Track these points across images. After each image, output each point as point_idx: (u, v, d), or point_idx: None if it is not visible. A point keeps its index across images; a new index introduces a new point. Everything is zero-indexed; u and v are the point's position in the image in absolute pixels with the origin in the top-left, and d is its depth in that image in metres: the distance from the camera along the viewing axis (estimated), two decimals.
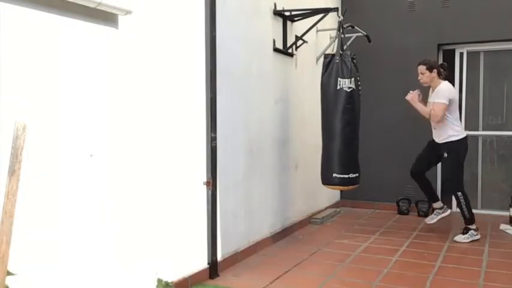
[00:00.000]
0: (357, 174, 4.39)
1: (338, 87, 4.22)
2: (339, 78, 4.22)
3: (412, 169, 4.77)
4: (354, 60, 4.30)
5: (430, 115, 4.45)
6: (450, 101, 4.37)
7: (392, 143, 6.00)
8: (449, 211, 4.82)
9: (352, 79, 4.23)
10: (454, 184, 4.50)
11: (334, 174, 4.32)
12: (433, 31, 5.78)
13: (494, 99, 5.86)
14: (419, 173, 4.73)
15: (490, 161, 5.92)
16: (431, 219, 4.84)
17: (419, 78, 4.55)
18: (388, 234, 4.79)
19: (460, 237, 4.49)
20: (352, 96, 4.24)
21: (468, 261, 3.88)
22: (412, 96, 4.55)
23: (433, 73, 4.46)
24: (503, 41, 5.61)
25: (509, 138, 5.79)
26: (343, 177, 4.31)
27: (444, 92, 4.39)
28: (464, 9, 5.64)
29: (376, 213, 5.95)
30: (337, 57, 4.24)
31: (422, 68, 4.50)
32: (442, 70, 4.53)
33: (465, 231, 4.51)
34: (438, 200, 4.85)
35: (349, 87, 4.22)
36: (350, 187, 4.46)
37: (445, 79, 4.52)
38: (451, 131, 4.43)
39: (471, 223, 4.50)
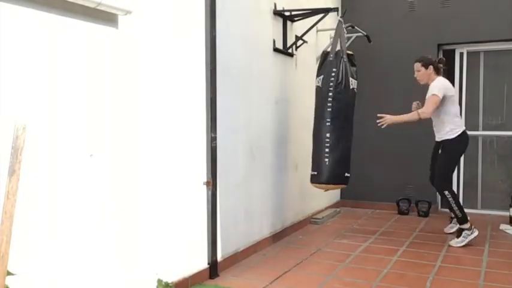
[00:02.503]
0: (315, 173, 4.34)
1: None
2: (316, 77, 4.34)
3: (430, 176, 4.67)
4: (343, 58, 4.22)
5: (419, 114, 4.28)
6: (445, 95, 4.23)
7: (393, 142, 6.00)
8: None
9: (320, 77, 4.25)
10: (441, 181, 4.33)
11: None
12: (433, 31, 5.78)
13: (494, 99, 5.86)
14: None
15: (490, 161, 5.92)
16: (451, 229, 4.71)
17: (415, 75, 4.46)
18: (388, 234, 4.79)
19: (454, 242, 4.32)
20: (316, 94, 4.32)
21: (468, 261, 3.88)
22: (386, 118, 4.42)
23: (428, 70, 4.36)
24: (503, 41, 5.62)
25: (509, 138, 5.79)
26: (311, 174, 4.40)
27: (436, 85, 4.26)
28: (464, 9, 5.65)
29: (376, 213, 5.95)
30: (331, 55, 4.25)
31: (417, 65, 4.41)
32: (440, 66, 4.42)
33: (458, 233, 4.34)
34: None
35: (316, 85, 4.32)
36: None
37: (445, 75, 4.43)
38: (448, 127, 4.31)
39: (464, 222, 4.29)
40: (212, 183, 3.38)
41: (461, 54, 5.85)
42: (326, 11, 4.60)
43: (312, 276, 3.50)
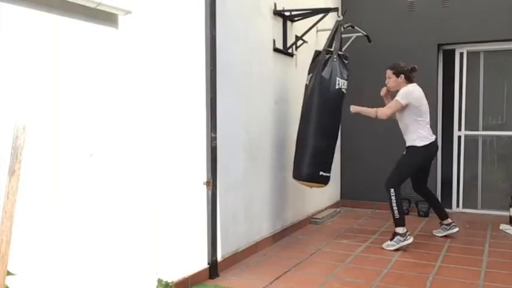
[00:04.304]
0: (330, 174, 4.35)
1: (338, 87, 4.17)
2: (338, 78, 4.17)
3: (412, 186, 4.64)
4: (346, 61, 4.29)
5: (377, 112, 4.31)
6: (411, 103, 4.19)
7: (392, 143, 5.98)
8: (457, 229, 4.56)
9: (346, 82, 4.23)
10: (392, 180, 4.27)
11: (321, 173, 4.24)
12: (433, 31, 5.78)
13: (494, 99, 5.86)
14: (420, 187, 4.59)
15: (490, 161, 5.92)
16: (439, 233, 4.65)
17: (386, 82, 4.42)
18: (388, 235, 4.77)
19: (385, 244, 4.22)
20: (343, 97, 4.26)
21: (468, 261, 3.88)
22: (354, 108, 4.45)
23: (400, 78, 4.29)
24: (503, 41, 5.62)
25: (509, 138, 5.79)
26: (329, 176, 4.33)
27: (404, 92, 4.23)
28: (464, 9, 5.65)
29: (376, 213, 5.95)
30: (335, 56, 4.21)
31: (389, 73, 4.36)
32: (412, 74, 4.32)
33: (392, 237, 4.22)
34: (447, 218, 4.62)
35: (345, 89, 4.22)
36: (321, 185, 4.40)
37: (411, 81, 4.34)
38: (415, 135, 4.25)
39: (400, 225, 4.18)
40: (212, 183, 3.38)
41: (461, 54, 5.84)
42: (326, 11, 4.60)
43: (312, 276, 3.50)
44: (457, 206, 5.99)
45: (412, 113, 4.27)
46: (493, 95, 5.86)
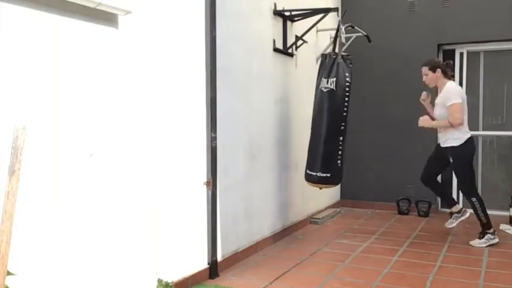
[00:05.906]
0: (328, 175, 4.32)
1: (320, 87, 4.29)
2: (322, 78, 4.26)
3: (422, 176, 4.59)
4: (348, 61, 4.29)
5: (450, 123, 4.19)
6: (461, 99, 4.21)
7: (393, 143, 6.01)
8: (468, 214, 4.53)
9: (333, 79, 4.19)
10: (467, 189, 4.37)
11: (308, 171, 4.39)
12: (433, 31, 5.78)
13: (494, 99, 5.86)
14: (429, 180, 4.56)
15: (490, 161, 5.91)
16: (451, 224, 4.57)
17: (423, 79, 4.43)
18: (388, 235, 4.79)
19: (476, 242, 4.34)
20: (330, 97, 4.22)
21: (468, 261, 3.88)
22: (424, 120, 4.39)
23: (437, 73, 4.31)
24: (503, 41, 5.61)
25: (509, 138, 5.79)
26: (315, 175, 4.33)
27: (454, 91, 4.21)
28: (464, 9, 5.65)
29: (376, 213, 5.95)
30: (327, 58, 4.26)
31: (425, 69, 4.37)
32: (448, 69, 4.37)
33: (481, 235, 4.35)
34: (455, 204, 4.60)
35: (326, 88, 4.22)
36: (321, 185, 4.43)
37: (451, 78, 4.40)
38: (455, 133, 4.23)
39: (488, 228, 4.32)
40: (212, 183, 3.38)
41: (461, 54, 5.84)
42: (326, 11, 4.60)
43: (312, 276, 3.50)
44: None
45: None
46: (493, 95, 5.86)
